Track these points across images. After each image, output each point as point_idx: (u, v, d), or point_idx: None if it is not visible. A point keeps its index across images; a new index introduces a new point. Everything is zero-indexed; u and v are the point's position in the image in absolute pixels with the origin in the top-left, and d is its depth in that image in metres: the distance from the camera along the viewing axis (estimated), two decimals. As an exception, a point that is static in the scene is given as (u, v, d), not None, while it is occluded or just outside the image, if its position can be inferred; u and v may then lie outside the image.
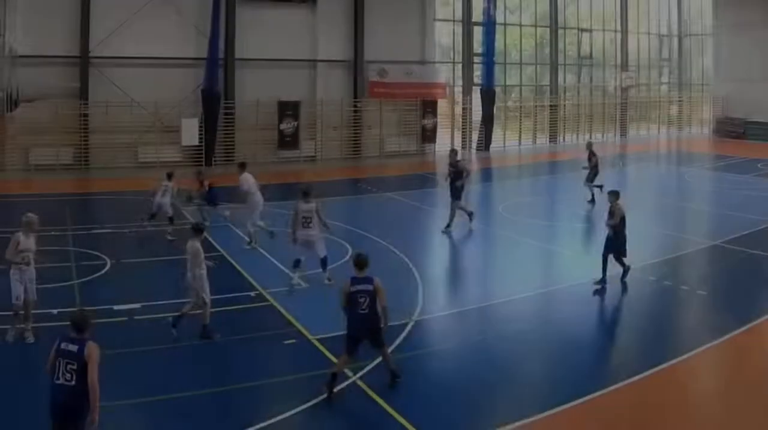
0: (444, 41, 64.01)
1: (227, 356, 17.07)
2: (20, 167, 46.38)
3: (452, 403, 14.66)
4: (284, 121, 53.21)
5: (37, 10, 45.75)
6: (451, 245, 29.30)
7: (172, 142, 49.62)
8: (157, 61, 49.11)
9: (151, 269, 24.87)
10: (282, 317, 19.22)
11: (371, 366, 15.78)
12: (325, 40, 55.13)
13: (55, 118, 46.43)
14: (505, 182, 46.65)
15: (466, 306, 21.07)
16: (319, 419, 13.97)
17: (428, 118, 59.24)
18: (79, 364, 11.18)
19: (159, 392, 14.67)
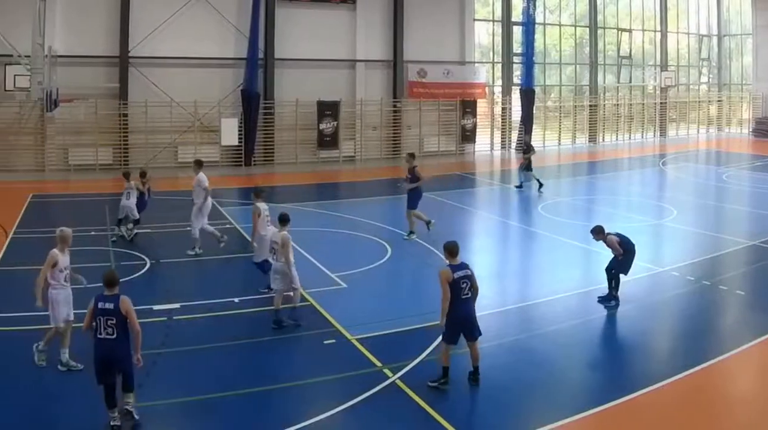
0: (483, 41, 62.48)
1: (266, 355, 16.58)
2: (60, 167, 45.62)
3: (492, 403, 14.33)
4: (323, 121, 51.91)
5: (76, 11, 45.23)
6: (491, 245, 28.58)
7: (212, 142, 48.95)
8: (197, 61, 48.43)
9: (190, 268, 24.16)
10: (321, 317, 18.74)
11: (411, 366, 15.53)
12: (365, 40, 53.94)
13: (94, 118, 45.66)
14: (544, 182, 43.09)
15: (506, 306, 20.34)
16: (358, 419, 13.64)
17: (467, 119, 57.88)
18: (117, 318, 12.61)
19: (198, 392, 14.46)
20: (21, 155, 45.21)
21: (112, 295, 12.85)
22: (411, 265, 24.23)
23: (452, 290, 14.51)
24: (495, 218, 32.11)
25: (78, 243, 22.89)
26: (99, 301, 12.82)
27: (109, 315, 12.64)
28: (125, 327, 12.75)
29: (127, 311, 12.71)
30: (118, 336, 12.68)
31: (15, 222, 29.78)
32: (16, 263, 23.51)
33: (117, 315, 12.64)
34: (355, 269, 22.16)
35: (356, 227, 28.93)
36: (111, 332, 12.62)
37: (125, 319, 12.73)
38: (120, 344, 12.72)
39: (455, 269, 14.71)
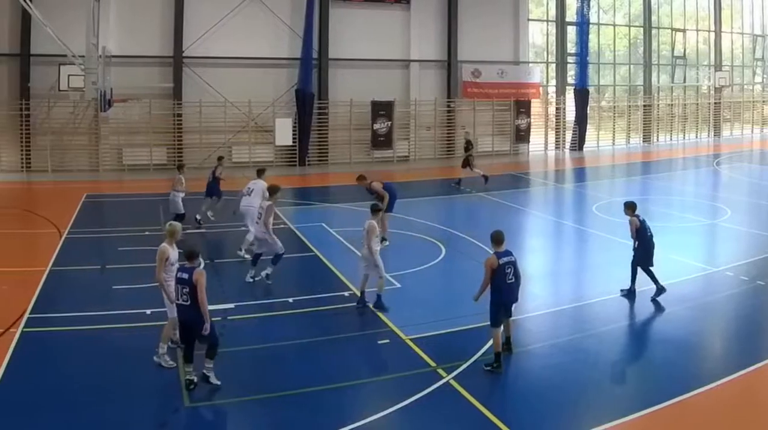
0: (537, 41, 60.42)
1: (321, 356, 16.06)
2: (114, 167, 44.78)
3: (546, 403, 13.82)
4: (378, 121, 50.27)
5: (130, 11, 44.44)
6: (544, 244, 27.77)
7: (266, 143, 47.82)
8: (251, 61, 47.24)
9: (244, 269, 22.62)
10: (376, 317, 18.23)
11: (465, 366, 15.11)
12: (419, 40, 52.22)
13: (148, 118, 44.92)
14: (599, 182, 43.50)
15: (560, 305, 19.66)
16: (413, 419, 13.21)
17: (522, 119, 55.73)
18: (190, 287, 13.57)
19: (253, 392, 14.12)
20: (75, 155, 44.39)
21: (190, 266, 13.89)
22: (465, 264, 23.18)
23: (497, 275, 15.16)
24: (549, 218, 30.97)
25: (132, 243, 24.20)
26: (179, 271, 14.08)
27: (184, 284, 13.72)
28: (195, 297, 13.62)
29: (196, 281, 13.59)
30: (192, 304, 13.65)
31: (69, 222, 28.99)
32: (70, 263, 22.93)
33: (190, 284, 13.62)
34: (409, 269, 21.58)
35: (410, 227, 27.81)
36: (186, 299, 13.70)
37: (196, 288, 13.58)
38: (193, 310, 13.69)
39: (500, 256, 15.31)
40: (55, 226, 28.20)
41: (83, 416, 12.96)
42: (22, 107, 42.33)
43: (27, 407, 13.18)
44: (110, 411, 13.14)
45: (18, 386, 14.01)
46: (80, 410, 13.16)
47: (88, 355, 15.69)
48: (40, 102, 42.73)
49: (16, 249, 25.66)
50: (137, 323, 17.38)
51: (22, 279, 20.83)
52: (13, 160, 43.11)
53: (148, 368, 14.88)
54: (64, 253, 24.41)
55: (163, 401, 13.63)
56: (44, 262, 22.80)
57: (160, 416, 13.03)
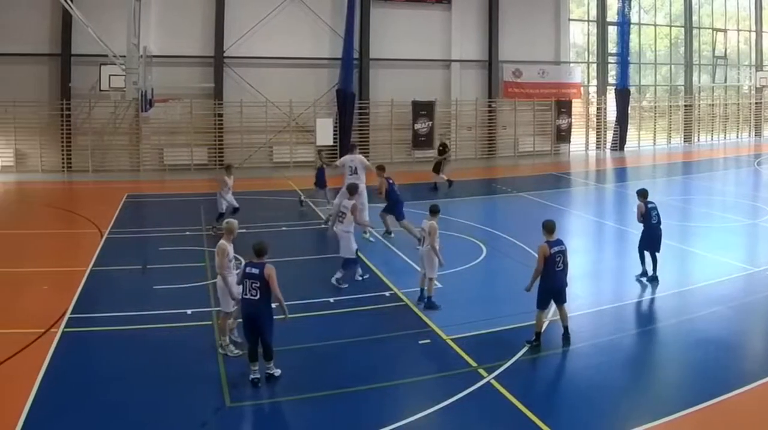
0: (578, 41, 58.20)
1: (361, 355, 15.67)
2: (154, 167, 43.91)
3: (587, 403, 13.49)
4: (418, 121, 48.77)
5: (171, 11, 43.41)
6: (585, 244, 26.73)
7: (307, 142, 46.21)
8: (292, 61, 46.09)
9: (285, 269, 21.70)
10: (417, 318, 17.76)
11: (506, 366, 14.73)
12: (460, 40, 50.54)
13: (189, 118, 43.93)
14: (639, 182, 40.16)
15: (601, 305, 19.13)
16: (453, 419, 12.86)
17: (563, 118, 53.95)
18: (261, 283, 13.57)
19: (294, 392, 13.85)
20: (116, 155, 43.53)
21: (259, 262, 13.82)
22: (506, 264, 22.91)
23: (548, 263, 15.52)
24: (590, 218, 30.06)
25: (173, 243, 23.94)
26: (247, 266, 13.92)
27: (254, 279, 13.66)
28: (266, 291, 13.65)
29: (269, 276, 13.61)
30: (261, 298, 13.66)
31: (110, 222, 28.41)
32: (110, 263, 22.53)
33: (261, 279, 13.61)
34: (450, 269, 20.40)
35: (451, 227, 26.57)
36: (255, 294, 13.65)
37: (267, 284, 13.61)
38: (261, 305, 13.68)
39: (552, 245, 15.67)
40: (96, 226, 27.66)
41: (123, 416, 12.73)
42: (63, 107, 41.66)
43: (67, 407, 12.94)
44: (151, 411, 12.91)
45: (59, 386, 13.73)
46: (120, 410, 12.91)
47: (128, 355, 15.42)
48: (81, 102, 42.12)
49: (57, 249, 25.25)
50: (178, 323, 17.08)
51: (63, 279, 20.39)
52: (54, 160, 42.32)
53: (188, 367, 14.66)
54: (104, 253, 23.86)
55: (204, 401, 13.27)
56: (85, 262, 22.28)
57: (201, 415, 12.69)
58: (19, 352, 15.18)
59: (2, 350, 15.08)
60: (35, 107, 41.54)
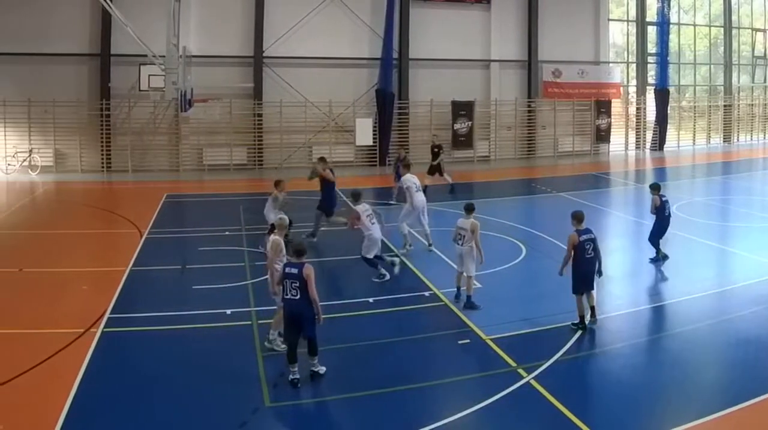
0: (618, 41, 56.81)
1: (400, 355, 15.27)
2: (194, 167, 42.94)
3: (627, 403, 13.10)
4: (458, 121, 47.29)
5: (210, 11, 42.66)
6: (624, 244, 26.15)
7: (346, 142, 45.22)
8: (331, 61, 44.86)
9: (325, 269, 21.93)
10: (456, 317, 17.29)
11: (546, 366, 14.28)
12: (499, 40, 48.89)
13: (228, 118, 42.89)
14: (679, 182, 40.54)
15: (639, 305, 18.68)
16: (492, 419, 12.59)
17: (602, 118, 52.11)
18: (300, 282, 13.32)
19: (333, 393, 13.51)
20: (156, 155, 42.78)
21: (298, 262, 13.53)
22: (545, 264, 21.44)
23: (578, 251, 16.04)
24: (629, 218, 29.19)
25: (212, 243, 23.47)
26: (287, 266, 13.67)
27: (293, 279, 13.38)
28: (306, 290, 13.31)
29: (307, 276, 13.31)
30: (301, 297, 13.35)
31: (149, 222, 27.77)
32: (150, 263, 22.06)
33: (300, 279, 13.32)
34: (489, 269, 20.02)
35: (491, 227, 25.56)
36: (295, 294, 13.38)
37: (306, 283, 13.28)
38: (302, 304, 13.37)
39: (581, 234, 16.18)
40: (136, 226, 27.10)
41: (162, 415, 12.43)
42: (103, 107, 40.92)
43: (106, 407, 12.63)
44: (190, 411, 12.61)
45: (98, 386, 13.42)
46: (159, 410, 12.62)
47: (167, 355, 15.08)
48: (121, 102, 41.39)
49: (97, 249, 24.99)
50: (217, 323, 16.71)
51: (103, 279, 20.02)
52: (94, 160, 41.56)
53: (228, 367, 14.28)
54: (144, 253, 23.32)
55: (243, 401, 12.84)
56: (125, 262, 21.76)
57: (240, 415, 12.30)
58: (59, 351, 14.82)
59: (43, 350, 14.75)
60: (75, 107, 40.81)
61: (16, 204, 32.49)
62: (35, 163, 40.15)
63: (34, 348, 14.90)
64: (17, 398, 12.87)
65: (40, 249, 23.94)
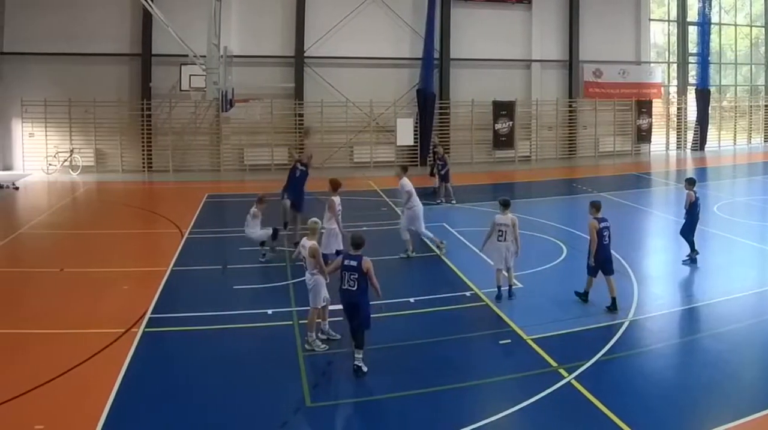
0: (659, 41, 54.77)
1: (442, 355, 14.89)
2: (235, 167, 41.80)
3: (668, 403, 12.65)
4: (499, 121, 45.56)
5: (252, 11, 41.81)
6: (665, 244, 25.27)
7: (387, 142, 43.76)
8: (372, 61, 43.54)
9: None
10: (497, 317, 16.97)
11: (587, 366, 13.94)
12: (540, 40, 47.13)
13: (269, 118, 41.67)
14: (720, 182, 39.44)
15: (681, 305, 18.24)
16: (534, 419, 12.10)
17: (643, 118, 50.27)
18: (358, 274, 13.52)
19: (374, 392, 13.25)
20: (197, 155, 41.71)
21: (356, 255, 13.69)
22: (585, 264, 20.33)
23: (598, 237, 16.76)
24: (670, 218, 28.01)
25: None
26: (345, 259, 13.82)
27: (352, 271, 13.54)
28: (363, 282, 13.53)
29: (367, 269, 13.54)
30: (358, 288, 13.54)
31: (190, 222, 27.27)
32: (191, 263, 21.68)
33: (359, 271, 13.50)
34: (530, 269, 20.19)
35: (532, 227, 25.29)
36: (352, 285, 13.56)
37: (365, 275, 13.50)
38: (358, 294, 13.57)
39: (600, 221, 16.97)
40: (177, 226, 26.56)
41: (203, 415, 12.19)
42: (144, 107, 40.12)
43: (147, 406, 12.37)
44: (230, 410, 12.31)
45: (139, 385, 13.17)
46: (200, 410, 12.36)
47: (208, 354, 14.79)
48: (162, 102, 40.47)
49: (138, 249, 24.50)
50: (258, 323, 16.37)
51: (144, 279, 19.61)
52: (135, 160, 40.74)
53: (269, 367, 13.98)
54: (185, 253, 22.89)
55: (285, 401, 12.56)
56: (166, 262, 21.35)
57: (281, 415, 12.00)
58: (100, 351, 14.53)
59: (84, 350, 14.45)
60: (116, 107, 40.07)
61: (57, 204, 31.90)
62: (76, 163, 39.64)
63: (75, 348, 14.54)
64: (58, 398, 12.57)
65: (81, 249, 23.55)
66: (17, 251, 23.97)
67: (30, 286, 19.69)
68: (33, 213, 29.64)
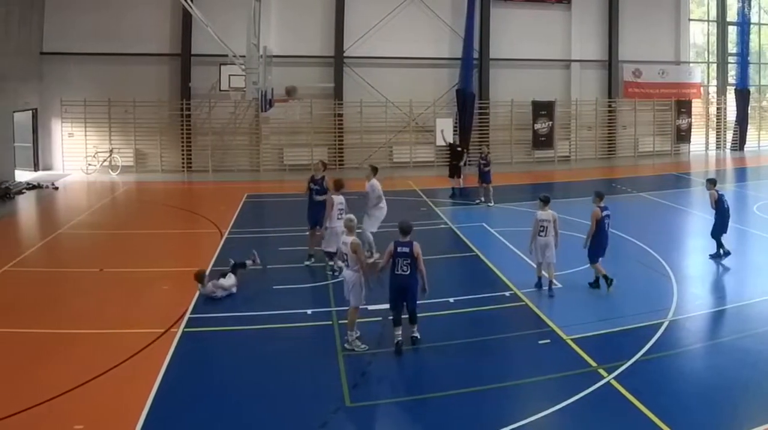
0: (698, 41, 52.74)
1: (481, 356, 14.51)
2: (274, 167, 40.47)
3: (707, 403, 12.28)
4: (538, 121, 43.88)
5: (291, 11, 40.56)
6: (704, 244, 23.85)
7: (427, 143, 42.19)
8: (411, 61, 42.05)
9: None
10: (537, 318, 16.63)
11: (626, 366, 13.53)
12: (579, 40, 45.31)
13: (309, 118, 40.39)
14: (759, 182, 38.07)
15: (720, 305, 17.88)
16: (573, 419, 11.73)
17: (683, 118, 48.35)
18: (411, 259, 13.95)
19: (414, 392, 13.07)
20: (236, 155, 40.53)
21: (407, 241, 14.04)
22: (626, 264, 21.12)
23: (599, 225, 17.68)
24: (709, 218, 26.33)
25: (293, 243, 22.33)
26: (398, 245, 14.06)
27: (405, 257, 13.92)
28: (415, 266, 13.94)
29: (417, 254, 13.95)
30: (410, 273, 13.97)
31: (230, 222, 26.59)
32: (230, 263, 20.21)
33: (411, 257, 13.88)
34: (570, 269, 19.69)
35: (570, 227, 24.01)
36: (405, 270, 13.97)
37: (415, 260, 13.87)
38: (410, 278, 13.99)
39: (603, 209, 17.80)
40: (216, 226, 25.95)
41: (242, 415, 11.93)
42: (183, 107, 39.00)
43: (186, 406, 12.14)
44: (270, 410, 12.09)
45: (178, 385, 12.95)
46: (239, 410, 12.12)
47: (248, 355, 14.56)
48: (201, 102, 39.32)
49: (177, 249, 23.90)
50: (297, 323, 16.16)
51: (184, 279, 18.73)
52: (174, 160, 39.59)
53: (308, 367, 13.77)
54: (224, 253, 22.01)
55: (324, 401, 12.33)
56: (205, 262, 20.73)
57: (320, 415, 11.80)
58: (139, 351, 14.31)
59: (124, 350, 14.23)
60: (155, 107, 38.95)
61: (97, 204, 31.19)
62: (116, 163, 38.60)
63: (114, 348, 14.33)
64: (98, 398, 12.36)
65: (120, 249, 23.11)
66: (57, 250, 23.32)
67: (70, 286, 19.13)
68: (72, 213, 28.95)
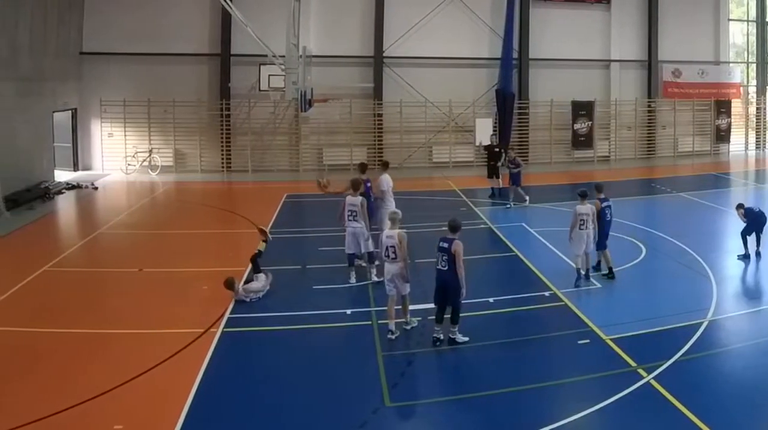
0: (738, 41, 50.77)
1: (521, 355, 14.11)
2: (314, 167, 38.94)
3: (747, 404, 11.84)
4: (578, 121, 42.12)
5: (330, 11, 39.35)
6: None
7: (466, 142, 40.65)
8: (451, 61, 40.57)
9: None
10: (576, 317, 16.12)
11: (666, 366, 13.12)
12: (619, 40, 43.58)
13: (348, 118, 39.22)
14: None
15: (760, 306, 17.20)
16: (612, 419, 11.52)
17: (722, 119, 46.49)
18: (449, 256, 13.72)
19: (454, 392, 12.79)
20: (275, 155, 39.35)
21: (450, 238, 13.79)
22: (665, 264, 20.91)
23: (601, 215, 18.19)
24: None
25: (333, 243, 21.50)
26: (441, 241, 13.94)
27: (444, 252, 13.73)
28: (454, 263, 13.60)
29: (454, 251, 13.59)
30: (449, 269, 13.68)
31: (269, 222, 25.83)
32: (270, 263, 19.68)
33: (449, 253, 13.65)
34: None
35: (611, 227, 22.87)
36: (444, 265, 13.77)
37: (453, 256, 13.55)
38: (450, 274, 13.72)
39: (602, 201, 18.44)
40: (256, 226, 24.24)
41: (281, 415, 11.65)
42: (223, 107, 37.86)
43: (226, 406, 11.88)
44: (309, 410, 11.84)
45: (218, 385, 12.68)
46: (278, 410, 11.84)
47: (287, 355, 14.36)
48: (241, 102, 38.22)
49: (217, 249, 23.43)
50: (337, 323, 15.89)
51: (223, 279, 17.96)
52: (214, 160, 38.51)
53: (348, 367, 13.48)
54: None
55: (363, 401, 12.01)
56: (244, 262, 19.73)
57: (360, 415, 11.49)
58: (179, 351, 14.08)
59: (164, 350, 14.00)
60: (194, 107, 37.88)
61: (137, 204, 30.64)
62: (155, 163, 37.51)
63: (154, 348, 14.09)
64: (137, 398, 12.20)
65: (160, 249, 22.77)
66: (96, 250, 22.93)
67: (109, 286, 19.04)
68: (112, 213, 28.41)
